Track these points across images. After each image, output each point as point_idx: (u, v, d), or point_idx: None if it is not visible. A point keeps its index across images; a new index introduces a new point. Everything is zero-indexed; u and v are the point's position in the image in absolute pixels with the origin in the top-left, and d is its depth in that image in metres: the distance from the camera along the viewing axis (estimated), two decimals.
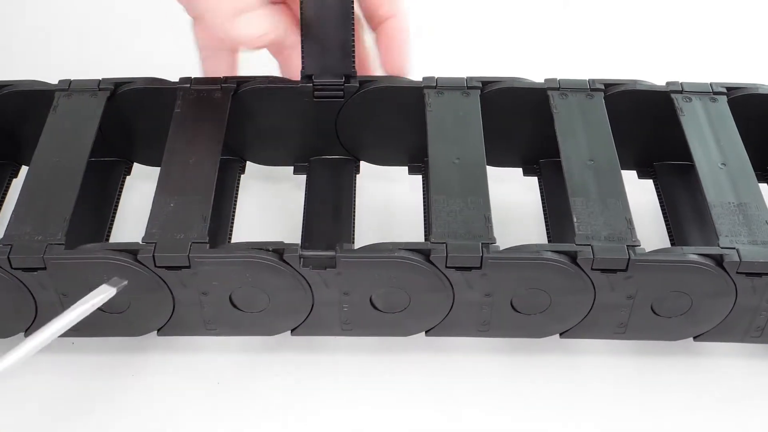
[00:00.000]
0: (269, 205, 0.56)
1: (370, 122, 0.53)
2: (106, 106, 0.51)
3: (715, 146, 0.49)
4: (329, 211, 0.53)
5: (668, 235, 0.52)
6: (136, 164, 0.56)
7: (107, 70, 0.53)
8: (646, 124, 0.53)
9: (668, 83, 0.52)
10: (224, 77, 0.52)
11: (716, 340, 0.48)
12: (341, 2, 0.50)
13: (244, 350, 0.49)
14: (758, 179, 0.48)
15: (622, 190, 0.47)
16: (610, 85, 0.52)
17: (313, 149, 0.55)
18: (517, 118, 0.53)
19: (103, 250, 0.44)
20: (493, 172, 0.48)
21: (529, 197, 0.55)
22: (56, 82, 0.52)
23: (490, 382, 0.48)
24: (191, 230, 0.45)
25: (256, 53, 0.52)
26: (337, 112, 0.53)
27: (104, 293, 0.44)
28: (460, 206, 0.46)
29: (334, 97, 0.52)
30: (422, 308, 0.46)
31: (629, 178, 0.49)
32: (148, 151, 0.54)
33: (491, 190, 0.47)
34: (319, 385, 0.48)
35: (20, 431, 0.46)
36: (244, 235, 0.51)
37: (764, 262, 0.43)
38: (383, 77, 0.52)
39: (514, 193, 0.55)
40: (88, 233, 0.50)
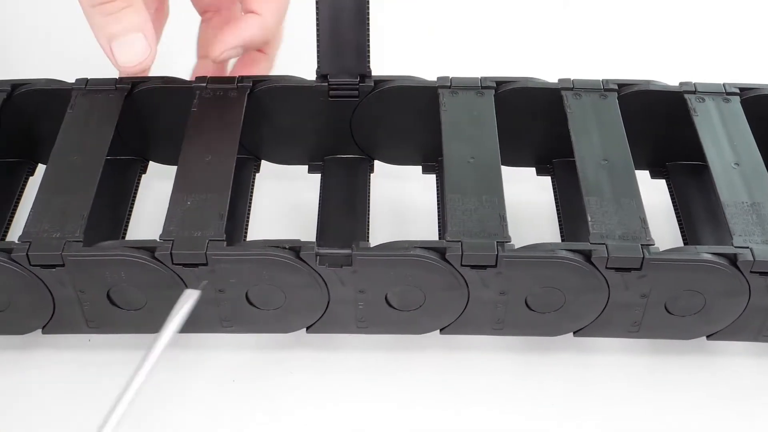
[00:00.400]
0: (284, 203, 0.56)
1: (384, 122, 0.54)
2: (123, 104, 0.51)
3: (728, 146, 0.49)
4: (344, 209, 0.53)
5: (681, 234, 0.52)
6: (151, 163, 0.56)
7: None
8: (659, 124, 0.53)
9: (681, 83, 0.52)
10: (240, 76, 0.52)
11: (729, 339, 0.48)
12: (356, 3, 0.50)
13: (259, 348, 0.49)
14: None
15: (636, 189, 0.47)
16: (623, 85, 0.52)
17: (327, 148, 0.55)
18: (530, 118, 0.53)
19: (121, 247, 0.44)
20: (506, 171, 0.49)
21: (542, 197, 0.55)
22: (73, 80, 0.52)
23: (503, 380, 0.48)
24: (208, 228, 0.45)
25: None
26: (352, 111, 0.53)
27: (193, 296, 0.44)
28: (475, 205, 0.46)
29: (349, 96, 0.52)
30: (437, 306, 0.46)
31: (642, 178, 0.49)
32: (163, 149, 0.55)
33: (505, 189, 0.47)
34: (333, 382, 0.48)
35: (33, 422, 0.46)
36: (258, 233, 0.51)
37: None
38: (399, 77, 0.52)
39: (527, 192, 0.55)
40: (104, 231, 0.50)
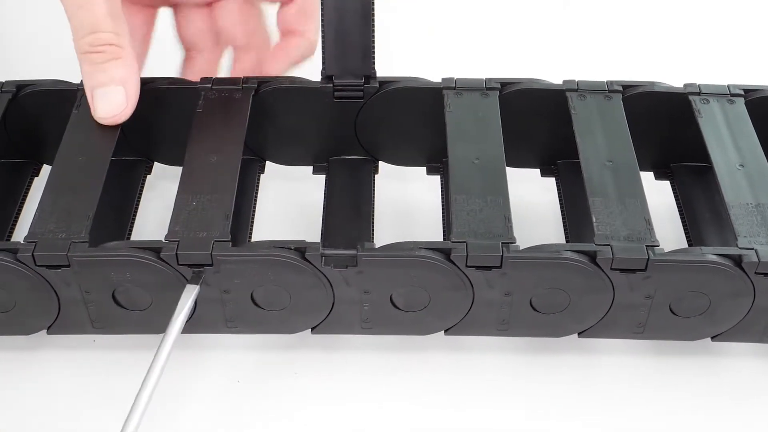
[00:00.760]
0: (288, 204, 0.56)
1: (389, 123, 0.54)
2: None
3: (732, 147, 0.49)
4: (348, 210, 0.53)
5: (685, 236, 0.52)
6: (156, 164, 0.56)
7: None
8: (663, 125, 0.53)
9: (686, 85, 0.52)
10: (245, 77, 0.52)
11: (734, 340, 0.48)
12: (362, 4, 0.50)
13: (264, 348, 0.49)
14: None
15: (640, 190, 0.47)
16: (628, 86, 0.52)
17: (332, 149, 0.55)
18: (535, 119, 0.53)
19: (126, 247, 0.44)
20: (511, 172, 0.49)
21: (546, 198, 0.55)
22: (79, 81, 0.52)
23: (508, 380, 0.48)
24: (213, 229, 0.45)
25: None
26: (356, 112, 0.53)
27: (192, 291, 0.44)
28: (480, 206, 0.46)
29: (354, 97, 0.52)
30: (442, 307, 0.46)
31: (646, 179, 0.49)
32: (168, 150, 0.55)
33: (509, 190, 0.47)
34: (338, 383, 0.48)
35: (38, 422, 0.46)
36: (263, 234, 0.51)
37: None
38: (404, 78, 0.53)
39: (531, 193, 0.55)
40: (109, 231, 0.50)
